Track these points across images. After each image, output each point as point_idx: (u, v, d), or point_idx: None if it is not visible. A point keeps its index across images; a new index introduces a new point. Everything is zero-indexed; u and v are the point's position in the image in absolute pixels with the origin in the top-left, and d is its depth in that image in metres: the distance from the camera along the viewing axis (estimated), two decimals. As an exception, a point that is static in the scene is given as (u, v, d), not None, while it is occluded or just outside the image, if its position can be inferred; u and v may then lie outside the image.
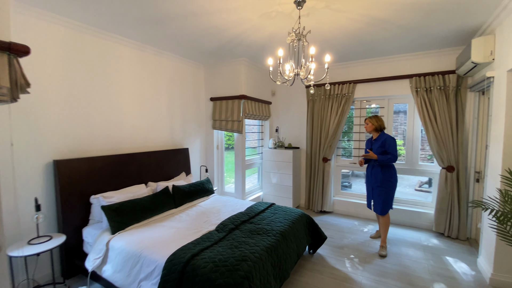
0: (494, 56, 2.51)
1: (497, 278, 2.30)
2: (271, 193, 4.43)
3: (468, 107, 3.32)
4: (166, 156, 3.46)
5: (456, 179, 3.31)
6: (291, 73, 2.19)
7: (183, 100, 3.87)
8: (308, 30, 2.10)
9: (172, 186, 3.03)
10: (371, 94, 3.95)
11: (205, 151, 4.35)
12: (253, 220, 2.57)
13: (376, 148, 3.03)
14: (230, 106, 3.98)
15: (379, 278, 2.46)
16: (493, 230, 2.12)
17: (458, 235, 3.28)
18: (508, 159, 2.23)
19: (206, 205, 3.12)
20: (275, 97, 4.79)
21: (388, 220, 3.03)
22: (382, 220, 3.04)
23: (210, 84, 4.22)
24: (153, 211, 2.64)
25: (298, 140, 4.59)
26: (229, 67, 3.99)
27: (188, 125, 3.99)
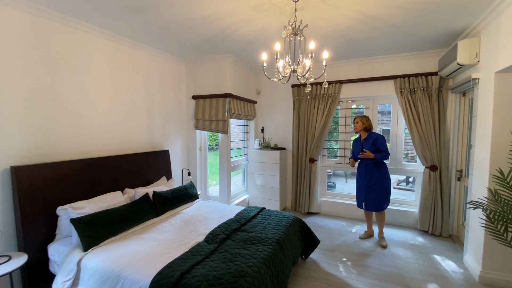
0: (479, 58, 2.57)
1: (486, 276, 2.35)
2: (257, 195, 4.27)
3: (449, 108, 3.42)
4: (145, 159, 3.16)
5: (439, 178, 3.39)
6: (287, 70, 2.05)
7: (162, 98, 3.57)
8: (305, 24, 1.97)
9: (153, 192, 2.75)
10: (357, 94, 3.95)
11: (187, 153, 4.08)
12: (245, 227, 2.40)
13: (368, 147, 3.10)
14: (214, 105, 3.76)
15: (374, 281, 2.41)
16: (486, 229, 2.15)
17: (441, 232, 3.37)
18: (495, 158, 2.28)
19: (191, 212, 2.89)
20: (260, 97, 4.64)
21: (384, 214, 3.21)
22: (379, 215, 3.20)
23: (192, 81, 3.96)
24: (132, 222, 2.35)
25: (284, 140, 4.48)
26: (213, 63, 3.77)
27: (169, 125, 3.70)
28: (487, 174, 2.33)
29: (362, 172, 3.21)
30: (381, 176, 3.10)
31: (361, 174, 3.22)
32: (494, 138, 2.28)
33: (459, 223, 3.35)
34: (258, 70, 4.48)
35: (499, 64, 2.18)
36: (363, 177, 3.19)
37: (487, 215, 2.15)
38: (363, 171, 3.20)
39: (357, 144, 3.27)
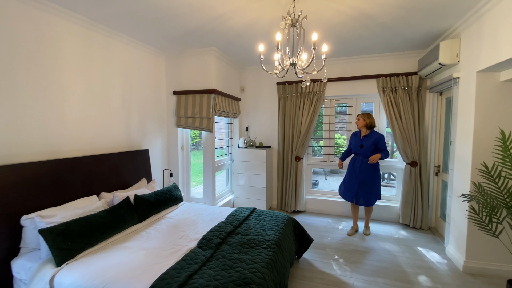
0: (459, 58, 2.70)
1: (469, 265, 2.47)
2: (243, 196, 4.14)
3: (427, 106, 3.60)
4: (122, 160, 2.87)
5: (419, 173, 3.54)
6: (287, 62, 1.95)
7: (141, 93, 3.28)
8: (304, 15, 1.89)
9: (134, 196, 2.49)
10: (341, 93, 3.99)
11: (168, 153, 3.81)
12: (239, 230, 2.26)
13: (369, 145, 3.21)
14: (198, 101, 3.55)
15: (368, 277, 2.42)
16: (472, 221, 2.25)
17: (421, 225, 3.53)
18: (477, 153, 2.40)
19: (177, 216, 2.67)
20: (244, 94, 4.51)
21: (372, 208, 3.43)
22: (367, 209, 3.41)
23: (172, 76, 3.71)
24: (112, 230, 2.09)
25: (270, 139, 4.40)
26: (197, 57, 3.56)
27: (148, 122, 3.41)
28: (470, 168, 2.45)
29: (357, 168, 3.29)
30: (374, 173, 3.24)
31: (355, 170, 3.30)
32: (476, 134, 2.41)
33: (437, 216, 3.53)
34: (242, 66, 4.34)
35: (481, 64, 2.29)
36: (357, 173, 3.28)
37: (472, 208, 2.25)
38: (357, 167, 3.28)
39: (356, 139, 3.36)
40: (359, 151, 3.29)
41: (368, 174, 3.23)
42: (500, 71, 2.31)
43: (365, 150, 3.23)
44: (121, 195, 2.47)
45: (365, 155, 3.23)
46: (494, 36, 2.12)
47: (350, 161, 3.44)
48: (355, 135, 3.43)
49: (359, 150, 3.27)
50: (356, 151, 3.33)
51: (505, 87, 2.31)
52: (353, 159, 3.40)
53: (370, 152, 3.21)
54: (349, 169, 3.41)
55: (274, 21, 2.58)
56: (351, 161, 3.42)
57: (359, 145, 3.28)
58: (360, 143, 3.27)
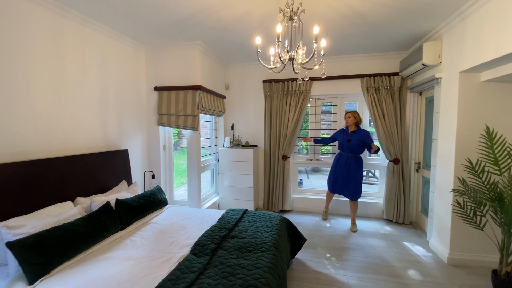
0: (441, 59, 2.82)
1: (454, 257, 2.59)
2: (229, 196, 4.01)
3: (408, 106, 3.74)
4: (99, 161, 2.61)
5: (401, 170, 3.67)
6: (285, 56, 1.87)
7: (118, 88, 3.02)
8: (303, 8, 1.82)
9: (116, 200, 2.27)
10: (326, 92, 4.02)
11: (148, 153, 3.57)
12: (234, 233, 2.14)
13: (357, 140, 3.38)
14: (182, 98, 3.36)
15: (362, 274, 2.43)
16: (458, 215, 2.34)
17: (404, 220, 3.66)
18: (460, 150, 2.52)
19: (163, 220, 2.48)
20: (229, 92, 4.37)
21: (357, 204, 3.56)
22: (353, 204, 3.52)
23: (153, 70, 3.47)
24: (92, 239, 1.87)
25: (256, 138, 4.31)
26: (181, 51, 3.36)
27: (126, 120, 3.15)
28: (453, 165, 2.56)
29: (342, 164, 3.47)
30: (358, 169, 3.42)
31: (340, 167, 3.48)
32: (458, 131, 2.52)
33: (418, 211, 3.69)
34: (227, 63, 4.20)
35: (464, 65, 2.40)
36: (343, 168, 3.46)
37: (458, 202, 2.35)
38: (343, 163, 3.47)
39: (344, 134, 3.52)
40: (346, 145, 3.44)
41: (353, 169, 3.41)
42: (480, 72, 2.44)
43: (352, 145, 3.39)
44: (100, 199, 2.23)
45: (352, 150, 3.40)
46: (477, 37, 2.22)
47: (335, 157, 3.64)
48: (342, 131, 3.59)
49: (347, 144, 3.42)
50: (343, 146, 3.48)
51: (485, 87, 2.44)
52: (338, 155, 3.59)
53: (357, 147, 3.38)
54: (334, 165, 3.62)
55: (266, 15, 2.50)
56: (336, 157, 3.62)
57: (347, 139, 3.42)
58: (348, 138, 3.42)
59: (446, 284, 2.28)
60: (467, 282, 2.30)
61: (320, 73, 3.97)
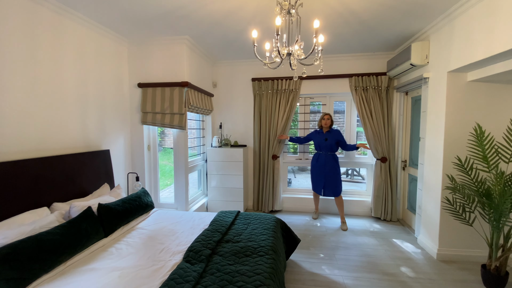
0: (429, 59, 2.89)
1: (442, 253, 2.65)
2: (218, 198, 3.88)
3: (394, 105, 3.81)
4: (78, 162, 2.40)
5: (388, 168, 3.74)
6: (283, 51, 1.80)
7: (99, 84, 2.80)
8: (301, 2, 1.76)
9: (98, 205, 2.08)
10: (315, 91, 4.01)
11: (132, 153, 3.36)
12: (228, 237, 2.04)
13: (334, 140, 3.56)
14: (168, 95, 3.19)
15: (356, 274, 2.42)
16: (448, 211, 2.39)
17: (391, 217, 3.73)
18: (448, 148, 2.58)
19: (150, 225, 2.32)
20: (217, 90, 4.24)
21: (342, 199, 3.62)
22: (338, 200, 3.60)
23: (137, 65, 3.27)
24: (72, 249, 1.69)
25: (245, 137, 4.21)
26: (167, 46, 3.19)
27: (108, 118, 2.94)
28: (441, 162, 2.61)
29: (322, 162, 3.59)
30: (337, 166, 3.60)
31: (321, 165, 3.60)
32: (446, 130, 2.58)
33: (405, 208, 3.77)
34: (214, 59, 4.07)
35: (452, 65, 2.46)
36: (323, 167, 3.57)
37: (447, 199, 2.39)
38: (323, 161, 3.60)
39: (320, 135, 3.65)
40: (324, 145, 3.58)
41: (333, 166, 3.57)
42: (467, 72, 2.51)
43: (330, 144, 3.57)
44: (80, 205, 2.04)
45: (330, 149, 3.58)
46: (466, 38, 2.28)
47: (314, 158, 3.75)
48: (317, 132, 3.72)
49: (324, 143, 3.57)
50: (321, 145, 3.61)
51: (471, 87, 2.51)
52: (317, 156, 3.70)
53: (334, 146, 3.57)
54: (313, 165, 3.72)
55: (259, 9, 2.41)
56: (315, 158, 3.73)
57: (324, 139, 3.58)
58: (325, 137, 3.58)
59: (438, 280, 2.32)
60: (457, 277, 2.36)
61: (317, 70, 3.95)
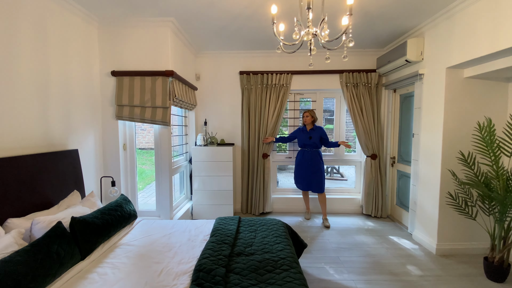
0: (424, 56, 2.90)
1: (441, 247, 2.66)
2: (204, 202, 3.51)
3: (382, 102, 3.83)
4: (39, 165, 1.89)
5: (378, 165, 3.75)
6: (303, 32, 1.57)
7: (63, 70, 2.28)
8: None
9: (71, 219, 1.63)
10: (305, 86, 3.87)
11: (104, 154, 2.85)
12: (238, 249, 1.74)
13: (317, 137, 3.49)
14: (149, 86, 2.76)
15: (367, 276, 2.30)
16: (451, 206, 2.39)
17: (381, 214, 3.74)
18: (447, 144, 2.59)
19: (137, 240, 1.92)
20: (201, 83, 3.86)
21: (325, 196, 3.58)
22: (322, 197, 3.54)
23: (110, 50, 2.78)
24: (41, 281, 1.25)
25: (232, 135, 3.90)
26: (147, 29, 2.75)
27: (75, 111, 2.42)
28: (440, 158, 2.62)
29: (308, 159, 3.52)
30: (321, 162, 3.55)
31: (307, 161, 3.52)
32: (445, 125, 2.60)
33: (393, 204, 3.82)
34: (198, 49, 3.69)
35: (452, 60, 2.47)
36: (309, 163, 3.50)
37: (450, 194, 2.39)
38: (308, 158, 3.52)
39: (304, 133, 3.56)
40: (308, 143, 3.51)
41: (318, 163, 3.51)
42: (464, 69, 2.54)
43: (314, 141, 3.49)
44: (46, 220, 1.57)
45: (315, 146, 3.50)
46: (468, 34, 2.28)
47: (298, 154, 3.65)
48: (301, 130, 3.62)
49: (308, 141, 3.50)
50: (305, 143, 3.53)
51: (468, 83, 2.56)
52: (301, 152, 3.60)
53: (318, 143, 3.49)
54: (299, 161, 3.62)
55: (264, -10, 2.15)
56: (299, 154, 3.63)
57: (308, 137, 3.51)
58: (309, 135, 3.51)
59: (444, 276, 2.30)
60: (460, 271, 2.37)
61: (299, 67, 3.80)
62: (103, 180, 2.67)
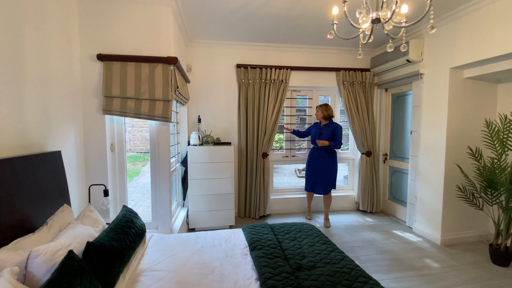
0: (423, 56, 3.04)
1: (445, 238, 2.81)
2: (202, 208, 3.12)
3: (375, 101, 3.95)
4: (12, 173, 1.36)
5: (372, 162, 3.85)
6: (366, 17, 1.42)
7: (37, 52, 1.73)
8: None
9: (88, 245, 1.20)
10: (303, 83, 3.77)
11: (85, 156, 2.30)
12: (293, 262, 1.51)
13: (327, 134, 3.28)
14: (147, 74, 2.31)
15: (394, 275, 2.28)
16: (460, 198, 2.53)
17: (376, 209, 3.85)
18: (451, 140, 2.75)
19: (161, 262, 1.54)
20: (192, 75, 3.45)
21: (331, 197, 3.45)
22: (326, 198, 3.41)
23: (95, 29, 2.25)
24: None
25: (228, 133, 3.58)
26: (143, 5, 2.30)
27: (54, 105, 1.87)
28: (443, 154, 2.77)
29: (315, 158, 3.35)
30: (331, 162, 3.32)
31: (314, 160, 3.36)
32: (449, 123, 2.75)
33: (385, 199, 3.96)
34: (190, 36, 3.27)
35: (456, 61, 2.62)
36: (316, 162, 3.34)
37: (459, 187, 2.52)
38: (316, 157, 3.36)
39: (317, 128, 3.42)
40: (318, 139, 3.31)
41: (326, 163, 3.31)
42: (464, 69, 2.72)
43: (323, 138, 3.28)
44: (48, 250, 1.11)
45: (330, 144, 3.25)
46: (475, 36, 2.42)
47: (309, 153, 3.50)
48: (315, 125, 3.48)
49: (318, 138, 3.32)
50: (315, 139, 3.35)
51: (467, 83, 2.75)
52: (312, 150, 3.47)
53: (330, 141, 3.25)
54: (309, 160, 3.47)
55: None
56: (310, 152, 3.49)
57: (318, 133, 3.34)
58: (320, 131, 3.35)
59: (458, 265, 2.41)
60: (468, 259, 2.51)
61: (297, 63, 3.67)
62: (92, 188, 2.13)
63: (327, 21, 2.78)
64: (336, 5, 1.61)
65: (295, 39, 3.38)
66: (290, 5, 2.47)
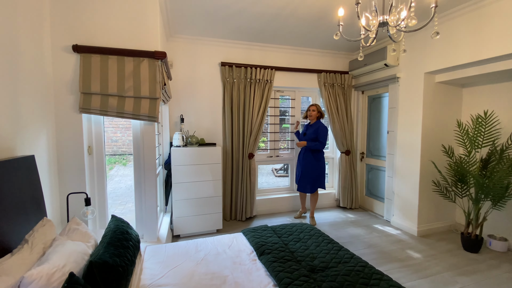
0: (399, 61, 3.26)
1: (421, 229, 3.05)
2: (187, 213, 2.95)
3: (352, 102, 4.14)
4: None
5: (351, 160, 4.03)
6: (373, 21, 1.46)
7: (9, 37, 1.46)
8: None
9: (91, 264, 1.03)
10: (286, 84, 3.80)
11: (58, 160, 2.01)
12: (305, 264, 1.49)
13: (310, 133, 3.34)
14: (131, 70, 2.11)
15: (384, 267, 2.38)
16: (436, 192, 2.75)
17: (355, 205, 4.04)
18: (425, 139, 2.98)
19: (165, 276, 1.40)
20: (174, 72, 3.25)
21: (317, 196, 3.50)
22: (312, 197, 3.46)
23: (70, 17, 1.98)
24: None
25: (212, 133, 3.44)
26: (129, -6, 2.10)
27: (24, 102, 1.60)
28: (419, 151, 2.99)
29: (301, 158, 3.43)
30: (316, 161, 3.34)
31: (300, 160, 3.45)
32: (424, 123, 2.98)
33: (363, 195, 4.17)
34: (172, 31, 3.09)
35: (430, 66, 2.85)
36: (301, 162, 3.41)
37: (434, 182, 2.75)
38: (301, 157, 3.43)
39: (305, 128, 3.48)
40: (302, 139, 3.42)
41: (310, 162, 3.36)
42: (436, 74, 2.97)
43: (306, 139, 3.36)
44: (41, 274, 0.93)
45: (307, 144, 3.33)
46: (446, 44, 2.66)
47: (299, 153, 3.57)
48: (306, 125, 3.53)
49: (302, 138, 3.41)
50: (300, 139, 3.43)
51: (438, 87, 3.01)
52: (300, 150, 3.53)
53: (311, 141, 3.31)
54: (297, 160, 3.57)
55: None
56: (300, 151, 3.54)
57: (304, 133, 3.42)
58: (305, 131, 3.41)
59: (436, 254, 2.62)
60: (444, 248, 2.75)
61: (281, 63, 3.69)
62: (70, 197, 1.87)
63: (316, 23, 2.82)
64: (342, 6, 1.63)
65: (281, 39, 3.39)
66: (283, 4, 2.45)
